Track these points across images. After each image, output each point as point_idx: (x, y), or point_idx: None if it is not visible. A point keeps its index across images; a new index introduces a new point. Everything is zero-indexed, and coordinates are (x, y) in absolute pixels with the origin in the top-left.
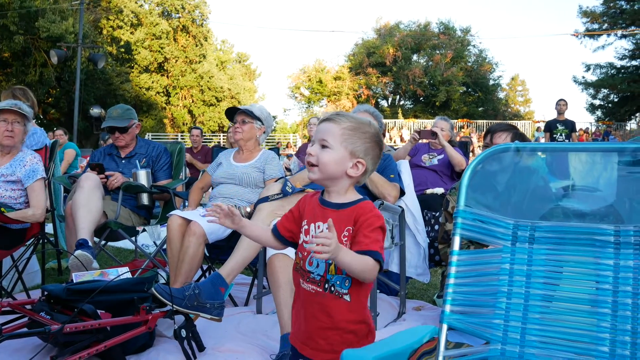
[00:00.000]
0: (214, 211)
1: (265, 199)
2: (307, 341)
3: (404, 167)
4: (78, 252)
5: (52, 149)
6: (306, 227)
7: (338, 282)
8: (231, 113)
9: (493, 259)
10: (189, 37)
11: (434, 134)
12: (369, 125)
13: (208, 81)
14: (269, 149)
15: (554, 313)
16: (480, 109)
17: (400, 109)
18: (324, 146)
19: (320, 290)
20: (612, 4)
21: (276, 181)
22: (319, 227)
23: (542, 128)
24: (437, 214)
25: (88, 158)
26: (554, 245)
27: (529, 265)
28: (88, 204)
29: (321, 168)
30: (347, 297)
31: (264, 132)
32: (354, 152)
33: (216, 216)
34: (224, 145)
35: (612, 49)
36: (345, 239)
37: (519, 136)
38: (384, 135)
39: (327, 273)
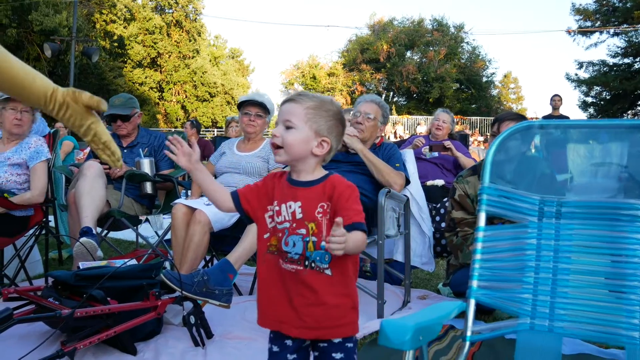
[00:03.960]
0: (175, 144)
1: None
2: (293, 321)
3: (409, 157)
4: (83, 239)
5: (54, 137)
6: (277, 208)
7: (318, 258)
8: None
9: (519, 235)
10: (182, 32)
11: (446, 148)
12: (331, 103)
13: (201, 76)
14: None
15: (583, 287)
16: (473, 105)
17: (393, 106)
18: (288, 127)
19: (301, 268)
20: (604, 2)
21: (283, 169)
22: (290, 206)
23: None
24: (438, 205)
25: (85, 150)
26: (581, 220)
27: (557, 240)
28: (91, 191)
29: (287, 149)
30: (328, 272)
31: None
32: (318, 130)
33: (175, 152)
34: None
35: (604, 47)
36: (320, 215)
37: None
38: (382, 130)
39: (305, 250)
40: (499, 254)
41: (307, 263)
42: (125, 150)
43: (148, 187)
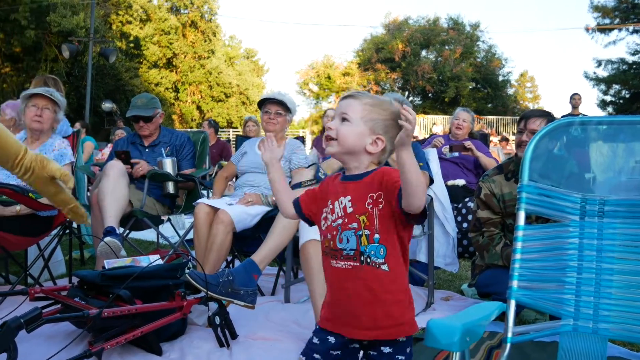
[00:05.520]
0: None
1: (298, 185)
2: (349, 320)
3: (432, 156)
4: (107, 239)
5: (77, 137)
6: (331, 206)
7: (373, 252)
8: (264, 101)
9: (560, 234)
10: (197, 32)
11: (466, 148)
12: (389, 103)
13: (217, 77)
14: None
15: (628, 287)
16: (489, 105)
17: None
18: (344, 119)
19: (357, 264)
20: None
21: (308, 167)
22: (341, 202)
23: None
24: (459, 205)
25: (104, 151)
26: (624, 219)
27: (600, 240)
28: (114, 191)
29: (340, 141)
30: (385, 267)
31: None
32: (373, 128)
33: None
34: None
35: (623, 44)
36: (370, 206)
37: None
38: None
39: (360, 245)
40: (539, 253)
41: (362, 258)
42: (147, 150)
43: (170, 187)
